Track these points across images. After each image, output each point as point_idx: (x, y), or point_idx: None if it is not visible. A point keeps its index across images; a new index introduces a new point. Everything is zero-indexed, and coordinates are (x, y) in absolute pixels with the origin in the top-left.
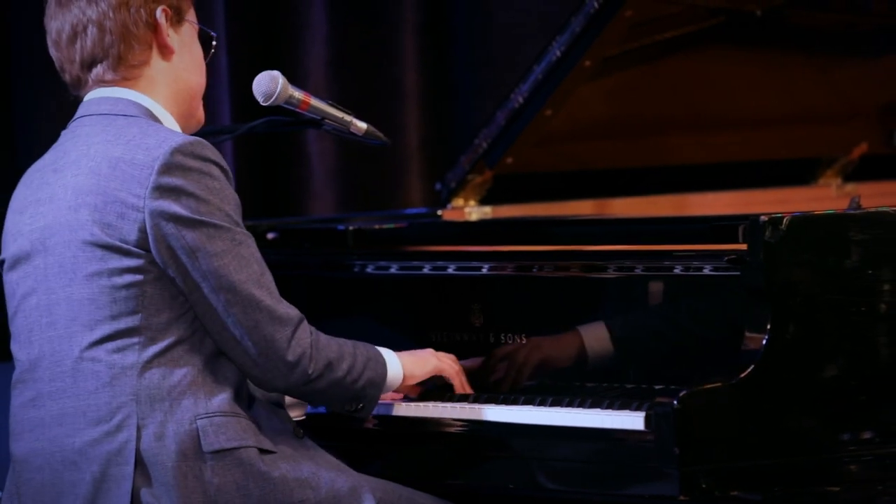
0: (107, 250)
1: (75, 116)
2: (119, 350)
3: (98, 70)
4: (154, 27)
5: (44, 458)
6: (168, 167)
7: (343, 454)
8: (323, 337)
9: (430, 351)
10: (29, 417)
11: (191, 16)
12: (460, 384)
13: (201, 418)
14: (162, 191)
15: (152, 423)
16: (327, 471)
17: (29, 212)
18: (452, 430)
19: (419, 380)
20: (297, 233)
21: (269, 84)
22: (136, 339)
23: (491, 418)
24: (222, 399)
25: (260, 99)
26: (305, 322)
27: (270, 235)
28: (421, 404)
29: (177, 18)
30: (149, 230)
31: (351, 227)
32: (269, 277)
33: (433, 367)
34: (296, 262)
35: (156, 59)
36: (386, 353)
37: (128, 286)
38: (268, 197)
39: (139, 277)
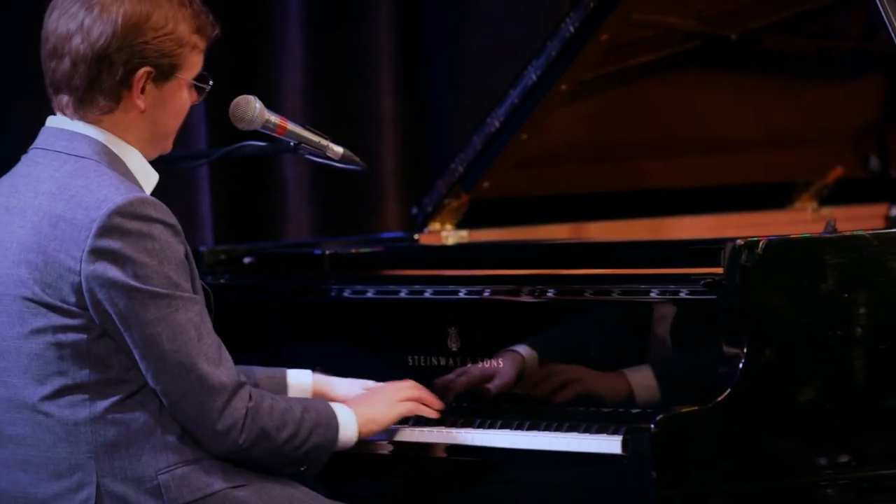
0: (49, 309)
1: (34, 145)
2: (70, 405)
3: (62, 99)
4: (128, 85)
5: (6, 500)
6: (105, 230)
7: (317, 476)
8: (265, 404)
9: (391, 399)
10: None
11: (188, 70)
12: (427, 412)
13: (162, 473)
14: (98, 254)
15: (112, 482)
16: (300, 501)
17: None
18: (428, 453)
19: (376, 434)
20: (274, 257)
21: (245, 108)
22: (85, 395)
23: (467, 442)
24: (182, 445)
25: (236, 123)
26: (245, 390)
27: (247, 260)
28: (395, 428)
29: (162, 77)
30: (85, 293)
31: (327, 252)
32: (208, 342)
33: (396, 415)
34: (272, 286)
35: (121, 111)
36: (343, 415)
37: (72, 344)
38: (244, 221)
39: (83, 336)
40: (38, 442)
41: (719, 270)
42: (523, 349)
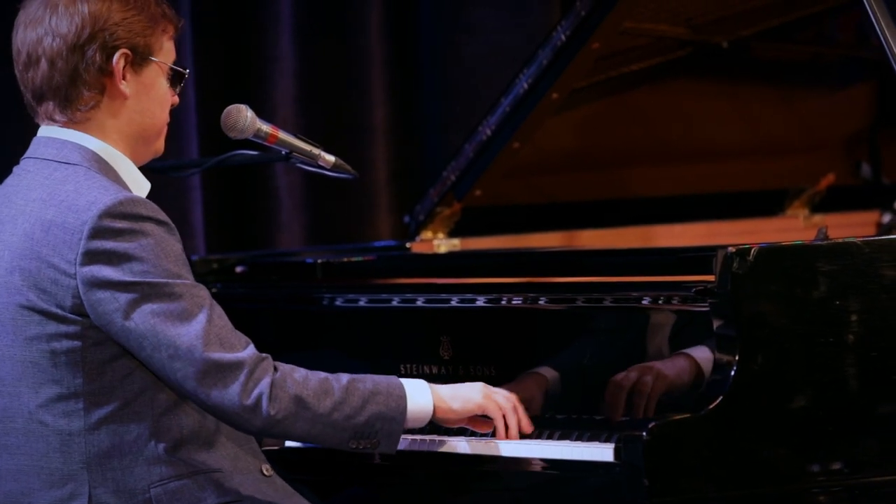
0: (44, 316)
1: (25, 155)
2: (65, 415)
3: (47, 106)
4: (109, 72)
5: None
6: (97, 231)
7: (310, 486)
8: (296, 375)
9: (480, 386)
10: None
11: (163, 54)
12: (503, 427)
13: (155, 486)
14: (92, 256)
15: (104, 493)
16: None
17: None
18: (418, 462)
19: (458, 415)
20: (266, 266)
21: (236, 117)
22: (80, 404)
23: (457, 450)
24: (177, 458)
25: (228, 132)
26: (267, 362)
27: (239, 269)
28: None
29: (139, 60)
30: (82, 296)
31: (319, 260)
32: (218, 324)
33: (475, 405)
34: (264, 295)
35: (107, 102)
36: (414, 386)
37: (67, 352)
38: (236, 230)
39: (77, 343)
40: (31, 451)
41: (711, 278)
42: (545, 370)
